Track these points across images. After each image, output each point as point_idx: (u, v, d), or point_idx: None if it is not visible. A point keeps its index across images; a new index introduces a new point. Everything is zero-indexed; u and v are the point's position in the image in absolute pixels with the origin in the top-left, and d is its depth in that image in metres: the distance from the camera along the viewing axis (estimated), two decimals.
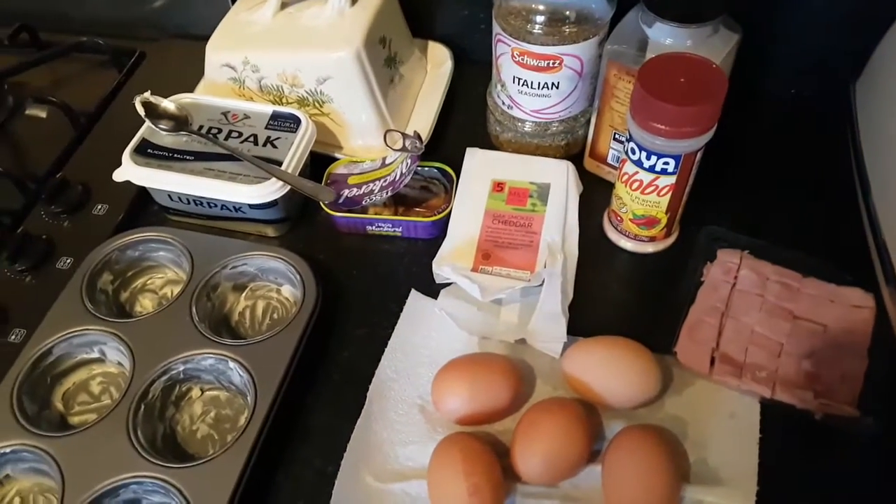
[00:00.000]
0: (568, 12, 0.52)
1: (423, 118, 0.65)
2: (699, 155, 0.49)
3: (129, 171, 0.57)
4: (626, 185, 0.52)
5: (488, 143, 0.65)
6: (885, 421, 0.45)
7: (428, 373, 0.50)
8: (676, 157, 0.48)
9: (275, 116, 0.59)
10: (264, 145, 0.58)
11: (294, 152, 0.57)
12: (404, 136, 0.56)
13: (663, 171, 0.49)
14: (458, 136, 0.66)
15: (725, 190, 0.60)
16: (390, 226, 0.58)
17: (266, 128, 0.59)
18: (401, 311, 0.53)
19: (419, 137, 0.56)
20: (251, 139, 0.58)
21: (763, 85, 0.67)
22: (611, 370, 0.47)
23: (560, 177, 0.58)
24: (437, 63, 0.71)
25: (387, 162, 0.59)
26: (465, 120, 0.68)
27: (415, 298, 0.54)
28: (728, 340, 0.50)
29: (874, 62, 0.59)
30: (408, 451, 0.47)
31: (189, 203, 0.59)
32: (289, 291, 0.56)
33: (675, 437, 0.46)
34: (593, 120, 0.58)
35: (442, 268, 0.54)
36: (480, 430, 0.48)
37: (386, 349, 0.51)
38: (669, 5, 0.48)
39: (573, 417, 0.44)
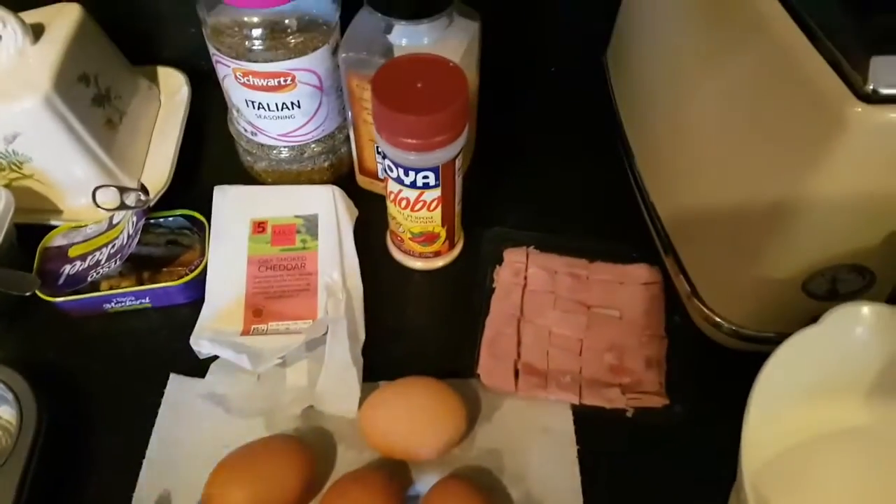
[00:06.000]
0: (287, 20, 0.45)
1: (161, 158, 0.55)
2: (458, 161, 0.44)
3: None
4: (395, 205, 0.47)
5: (246, 175, 0.57)
6: (693, 404, 0.44)
7: (204, 475, 0.40)
8: (435, 170, 0.43)
9: None
10: None
11: None
12: (121, 189, 0.46)
13: (426, 186, 0.44)
14: (212, 172, 0.57)
15: (504, 185, 0.57)
16: (133, 298, 0.48)
17: None
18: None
19: (144, 188, 0.47)
20: None
21: (522, 67, 0.65)
22: (410, 420, 0.41)
23: (327, 204, 0.51)
24: (172, 91, 0.61)
25: (114, 222, 0.49)
26: (218, 152, 0.59)
27: (176, 383, 0.45)
28: (529, 348, 0.47)
29: (617, 31, 0.59)
30: None
31: None
32: (8, 412, 0.44)
33: (491, 478, 0.42)
34: (352, 135, 0.52)
35: (200, 341, 0.45)
36: None
37: (144, 461, 0.42)
38: (393, 2, 0.43)
39: (374, 493, 0.38)
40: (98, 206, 0.46)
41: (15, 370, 0.43)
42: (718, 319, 0.44)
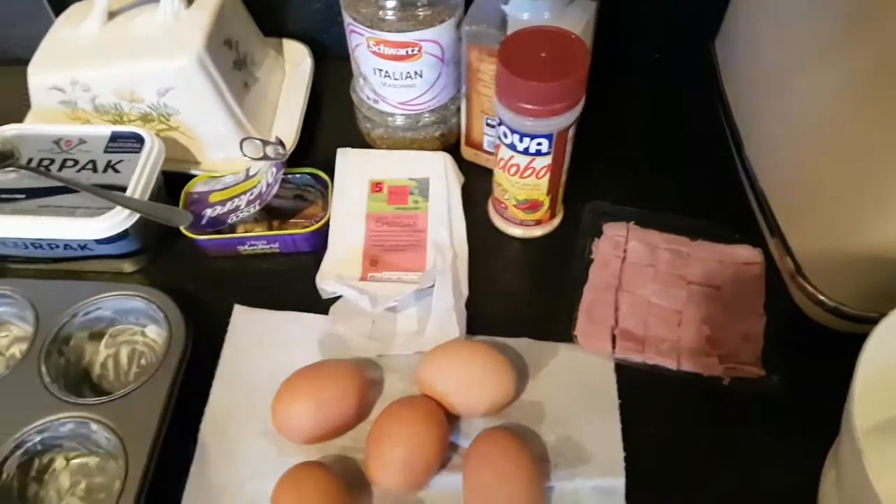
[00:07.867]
0: None
1: (287, 121, 0.60)
2: (572, 131, 0.47)
3: None
4: (504, 171, 0.50)
5: (362, 141, 0.61)
6: (788, 377, 0.45)
7: (270, 394, 0.44)
8: (549, 137, 0.46)
9: (114, 138, 0.53)
10: (105, 171, 0.51)
11: (140, 175, 0.51)
12: (264, 142, 0.51)
13: (538, 153, 0.47)
14: (330, 137, 0.62)
15: (604, 162, 0.59)
16: (265, 242, 0.53)
17: (106, 151, 0.52)
18: None
19: (281, 143, 0.51)
20: (89, 166, 0.52)
21: (628, 52, 0.66)
22: (463, 380, 0.44)
23: (438, 170, 0.55)
24: (296, 62, 0.66)
25: (250, 174, 0.54)
26: (336, 119, 0.64)
27: (241, 313, 0.49)
28: (626, 316, 0.49)
29: (729, 18, 0.59)
30: (257, 484, 0.42)
31: (27, 247, 0.51)
32: (155, 332, 0.49)
33: (531, 431, 0.44)
34: (463, 107, 0.55)
35: (326, 281, 0.49)
36: (333, 445, 0.44)
37: (214, 380, 0.46)
38: None
39: (425, 416, 0.42)
40: (245, 156, 0.51)
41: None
42: (822, 297, 0.44)
